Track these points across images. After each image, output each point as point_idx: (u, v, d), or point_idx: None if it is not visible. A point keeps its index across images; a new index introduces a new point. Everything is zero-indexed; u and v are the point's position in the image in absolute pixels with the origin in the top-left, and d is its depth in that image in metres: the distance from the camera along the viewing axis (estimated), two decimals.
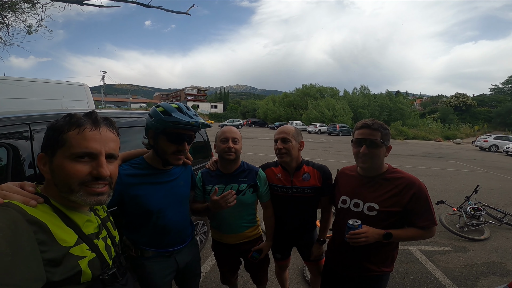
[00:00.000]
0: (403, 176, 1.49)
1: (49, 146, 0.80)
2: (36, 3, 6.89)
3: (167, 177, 1.49)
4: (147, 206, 1.41)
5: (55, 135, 0.79)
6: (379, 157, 1.48)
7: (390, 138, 1.51)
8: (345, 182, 1.69)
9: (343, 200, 1.63)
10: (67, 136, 0.79)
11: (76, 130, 0.79)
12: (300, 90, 52.40)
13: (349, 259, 1.60)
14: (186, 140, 1.40)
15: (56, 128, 0.80)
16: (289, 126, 1.91)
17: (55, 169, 0.78)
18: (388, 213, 1.46)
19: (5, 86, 4.92)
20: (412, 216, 1.45)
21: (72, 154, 0.78)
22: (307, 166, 1.92)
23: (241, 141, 1.79)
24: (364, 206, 1.52)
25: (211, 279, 2.83)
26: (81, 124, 0.81)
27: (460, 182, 8.28)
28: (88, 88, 6.32)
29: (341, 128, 32.36)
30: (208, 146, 3.29)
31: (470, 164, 12.97)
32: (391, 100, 42.49)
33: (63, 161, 0.78)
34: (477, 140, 23.39)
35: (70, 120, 0.81)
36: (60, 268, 0.71)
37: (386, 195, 1.47)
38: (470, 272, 3.20)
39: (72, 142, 0.78)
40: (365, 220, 1.47)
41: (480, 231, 4.30)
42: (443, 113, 47.66)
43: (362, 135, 1.50)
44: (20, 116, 1.64)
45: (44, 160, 0.81)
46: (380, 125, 1.49)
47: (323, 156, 12.51)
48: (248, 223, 1.86)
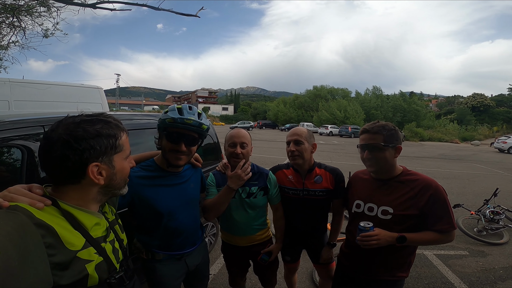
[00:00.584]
0: (419, 178, 1.44)
1: (104, 153, 0.82)
2: (52, 6, 7.11)
3: (178, 180, 1.49)
4: (158, 208, 1.41)
5: (112, 141, 0.83)
6: (385, 160, 1.45)
7: (398, 138, 1.46)
8: (359, 186, 1.66)
9: (357, 204, 1.59)
10: (122, 142, 0.88)
11: (125, 135, 0.90)
12: (311, 92, 52.04)
13: (363, 264, 1.56)
14: (184, 141, 1.38)
15: (107, 134, 0.82)
16: (302, 128, 1.89)
17: (118, 172, 0.87)
18: (403, 216, 1.41)
19: (24, 89, 5.10)
20: (429, 219, 1.39)
21: (127, 155, 0.91)
22: (319, 168, 1.90)
23: (251, 143, 1.77)
24: (378, 210, 1.48)
25: (219, 281, 2.83)
26: (124, 129, 0.91)
27: (478, 185, 8.00)
28: (102, 91, 6.49)
29: (353, 130, 31.87)
30: (218, 148, 3.30)
31: (489, 166, 12.49)
32: (405, 101, 41.52)
33: (122, 162, 0.89)
34: (496, 142, 22.55)
35: (118, 126, 0.88)
36: (67, 271, 0.71)
37: (402, 198, 1.43)
38: (487, 277, 3.09)
39: (126, 146, 0.90)
40: (380, 224, 1.43)
41: (499, 235, 4.18)
42: (460, 114, 46.26)
43: (363, 141, 1.51)
44: (35, 118, 1.69)
45: (100, 169, 0.81)
46: (381, 127, 1.45)
47: (335, 158, 12.37)
48: (259, 226, 1.85)
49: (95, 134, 0.79)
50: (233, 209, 1.76)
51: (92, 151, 0.78)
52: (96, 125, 0.81)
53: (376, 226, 1.41)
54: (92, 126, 0.80)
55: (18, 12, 6.83)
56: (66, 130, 0.77)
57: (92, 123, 0.81)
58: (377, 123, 1.50)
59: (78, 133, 0.77)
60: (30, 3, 7.00)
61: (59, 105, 5.49)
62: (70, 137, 0.76)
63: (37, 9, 7.27)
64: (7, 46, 8.09)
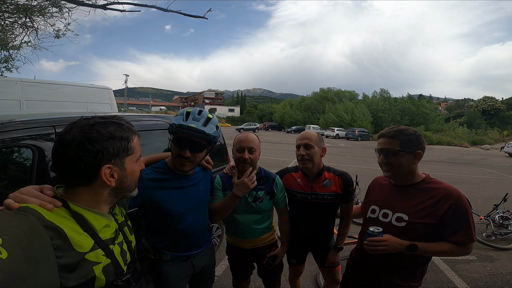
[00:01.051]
0: (441, 186, 1.38)
1: (116, 156, 0.82)
2: (63, 7, 7.24)
3: (188, 182, 1.50)
4: (168, 211, 1.43)
5: (124, 144, 0.84)
6: (401, 166, 1.40)
7: (418, 143, 1.40)
8: (377, 191, 1.63)
9: (373, 210, 1.55)
10: (134, 144, 0.89)
11: (136, 137, 0.91)
12: (318, 94, 51.85)
13: (374, 271, 1.51)
14: (188, 146, 1.37)
15: (120, 137, 0.83)
16: (312, 132, 1.88)
17: (129, 175, 0.88)
18: (418, 224, 1.35)
19: (35, 89, 5.20)
20: (447, 230, 1.33)
21: (137, 158, 0.92)
22: (328, 172, 1.89)
23: (259, 148, 1.75)
24: (393, 216, 1.44)
25: (223, 283, 2.83)
26: (136, 132, 0.92)
27: (488, 190, 7.84)
28: (111, 91, 6.58)
29: (360, 133, 31.60)
30: (225, 149, 3.31)
31: (499, 171, 12.23)
32: (414, 104, 41.03)
33: (133, 165, 0.90)
34: (506, 146, 22.10)
35: (130, 129, 0.89)
36: (74, 273, 0.71)
37: (419, 206, 1.37)
38: (495, 282, 3.04)
39: (137, 148, 0.91)
40: (392, 231, 1.39)
41: (507, 240, 4.14)
42: (470, 118, 45.53)
43: (379, 145, 1.48)
44: (46, 119, 1.72)
45: (112, 171, 0.82)
46: (399, 131, 1.41)
47: (341, 161, 12.26)
48: (264, 229, 1.84)
49: (108, 136, 0.80)
50: (238, 213, 1.76)
51: (105, 153, 0.79)
52: (109, 127, 0.82)
53: (390, 233, 1.37)
54: (105, 128, 0.81)
55: (30, 13, 6.96)
56: (81, 132, 0.77)
57: (105, 125, 0.82)
58: (395, 127, 1.46)
59: (92, 135, 0.77)
60: (42, 4, 7.14)
61: (70, 105, 5.58)
62: (85, 138, 0.76)
63: (49, 9, 7.41)
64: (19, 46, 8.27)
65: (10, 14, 7.25)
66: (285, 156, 12.79)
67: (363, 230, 1.63)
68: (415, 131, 1.43)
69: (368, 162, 12.81)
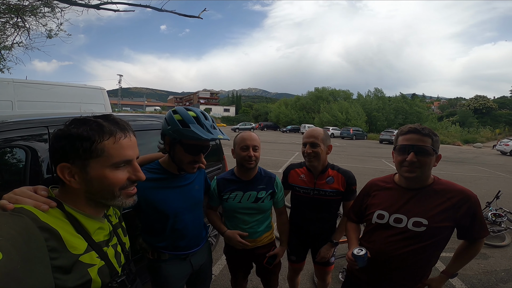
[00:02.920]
0: (455, 188, 1.34)
1: (76, 156, 0.76)
2: (55, 7, 7.14)
3: (183, 181, 1.50)
4: (164, 210, 1.43)
5: (85, 144, 0.76)
6: (429, 167, 1.33)
7: (439, 145, 1.36)
8: (381, 196, 1.52)
9: (379, 215, 1.46)
10: (103, 146, 0.78)
11: (112, 139, 0.79)
12: (313, 93, 52.05)
13: (380, 277, 1.45)
14: (203, 152, 1.40)
15: (82, 137, 0.76)
16: (318, 130, 1.90)
17: (94, 179, 0.78)
18: (437, 228, 1.30)
19: (27, 90, 5.12)
20: (464, 230, 1.34)
21: (113, 164, 0.80)
22: (332, 169, 1.92)
23: (260, 147, 1.77)
24: (408, 221, 1.35)
25: (221, 282, 2.83)
26: (113, 132, 0.80)
27: (480, 188, 7.96)
28: (105, 91, 6.52)
29: (355, 132, 31.83)
30: (220, 149, 3.31)
31: (491, 169, 12.42)
32: (407, 103, 41.44)
33: (103, 170, 0.79)
34: (498, 144, 22.47)
35: (101, 129, 0.78)
36: (71, 275, 0.71)
37: (437, 209, 1.31)
38: (489, 279, 3.09)
39: (111, 152, 0.79)
40: (410, 236, 1.34)
41: (501, 237, 4.18)
42: (462, 116, 46.13)
43: (409, 141, 1.33)
44: (39, 119, 1.70)
45: (70, 170, 0.77)
46: (430, 130, 1.33)
47: (337, 161, 12.30)
48: (264, 229, 1.85)
49: (66, 134, 0.77)
50: (239, 213, 1.77)
51: (61, 151, 0.77)
52: (76, 125, 0.78)
53: (406, 238, 1.34)
54: (69, 127, 0.78)
55: (22, 13, 6.86)
56: (56, 129, 0.81)
57: (76, 123, 0.79)
58: (420, 125, 1.36)
59: (58, 132, 0.79)
60: (34, 4, 7.03)
61: (62, 106, 5.51)
62: (53, 135, 0.79)
63: (41, 9, 7.30)
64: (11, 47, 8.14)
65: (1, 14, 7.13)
66: (281, 156, 12.82)
67: (369, 235, 1.53)
68: (436, 133, 1.37)
69: (363, 161, 12.92)
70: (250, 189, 1.75)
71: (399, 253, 1.36)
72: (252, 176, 1.78)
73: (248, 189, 1.75)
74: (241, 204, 1.74)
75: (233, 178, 1.79)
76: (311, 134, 1.86)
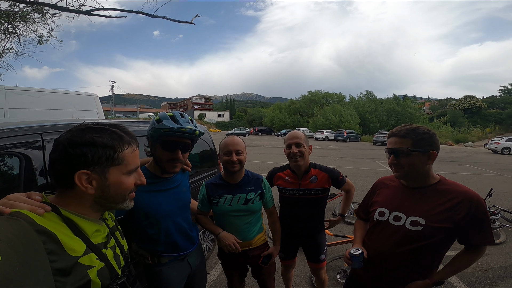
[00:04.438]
0: (459, 189, 1.30)
1: (98, 163, 0.79)
2: (46, 13, 7.09)
3: (170, 184, 1.52)
4: (156, 214, 1.44)
5: (109, 152, 0.80)
6: (413, 166, 1.33)
7: (432, 143, 1.32)
8: (384, 193, 1.54)
9: (381, 212, 1.47)
10: (124, 155, 0.85)
11: (130, 149, 0.87)
12: (306, 97, 52.51)
13: (381, 275, 1.44)
14: (180, 148, 1.41)
15: (106, 145, 0.80)
16: (299, 132, 2.01)
17: (112, 185, 0.83)
18: (435, 229, 1.28)
19: (18, 97, 5.05)
20: (466, 233, 1.28)
21: (129, 171, 0.87)
22: (314, 169, 2.01)
23: (245, 150, 1.79)
24: (406, 220, 1.35)
25: (219, 286, 2.81)
26: (131, 142, 0.88)
27: (473, 186, 8.05)
28: (97, 98, 6.46)
29: (349, 134, 32.12)
30: (214, 154, 3.30)
31: (483, 167, 12.66)
32: (399, 105, 42.08)
33: (121, 177, 0.85)
34: (489, 143, 22.91)
35: (122, 139, 0.85)
36: (70, 277, 0.71)
37: (436, 210, 1.29)
38: (486, 277, 3.13)
39: (129, 160, 0.86)
40: (406, 235, 1.33)
41: (496, 234, 4.22)
42: (453, 116, 46.97)
43: (389, 144, 1.40)
44: (32, 126, 1.68)
45: (88, 177, 0.79)
46: (411, 130, 1.33)
47: (331, 163, 12.32)
48: (256, 230, 1.87)
49: (89, 142, 0.78)
50: (230, 216, 1.78)
51: (82, 158, 0.77)
52: (97, 133, 0.81)
53: (403, 237, 1.34)
54: (91, 134, 0.80)
55: (13, 19, 6.79)
56: (69, 135, 0.79)
57: (95, 131, 0.81)
58: (407, 125, 1.38)
59: (75, 138, 0.78)
60: (25, 10, 6.98)
61: (55, 113, 5.45)
62: (67, 141, 0.78)
63: (31, 15, 7.25)
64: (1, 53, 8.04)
65: None
66: (275, 160, 12.84)
67: (370, 233, 1.55)
68: (428, 130, 1.35)
69: (357, 162, 13.02)
70: (239, 192, 1.77)
71: (396, 252, 1.37)
72: (240, 179, 1.80)
73: (237, 191, 1.77)
74: (231, 207, 1.75)
75: (221, 182, 1.81)
76: (294, 135, 1.96)
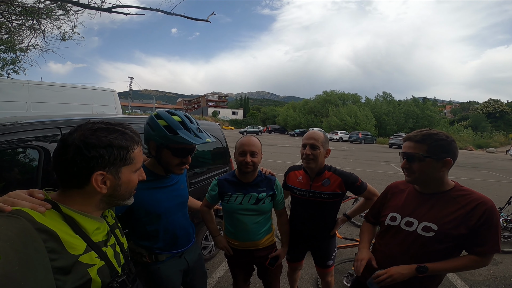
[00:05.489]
0: (473, 195, 1.28)
1: (113, 164, 0.82)
2: (69, 10, 7.34)
3: (169, 181, 1.54)
4: (155, 211, 1.46)
5: (123, 153, 0.83)
6: (423, 172, 1.31)
7: (449, 150, 1.29)
8: (397, 198, 1.52)
9: (392, 217, 1.46)
10: (134, 154, 0.88)
11: (139, 148, 0.90)
12: (321, 97, 51.77)
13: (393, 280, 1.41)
14: (190, 154, 1.45)
15: (120, 146, 0.83)
16: (319, 133, 1.90)
17: (123, 183, 0.87)
18: (447, 235, 1.26)
19: (41, 91, 5.27)
20: (475, 240, 1.25)
21: (137, 169, 0.91)
22: (329, 171, 1.92)
23: (261, 152, 1.78)
24: (419, 225, 1.34)
25: (224, 284, 2.84)
26: (139, 142, 0.91)
27: (492, 193, 7.76)
28: (116, 93, 6.64)
29: (364, 136, 31.44)
30: (227, 152, 3.33)
31: (504, 174, 12.10)
32: (418, 107, 40.71)
33: (130, 175, 0.89)
34: (511, 149, 21.86)
35: (133, 139, 0.88)
36: (70, 276, 0.72)
37: (450, 216, 1.27)
38: (497, 285, 3.03)
39: (138, 159, 0.90)
40: (417, 241, 1.33)
41: (511, 243, 4.07)
42: (475, 120, 45.19)
43: (403, 148, 1.38)
44: (52, 121, 1.76)
45: (105, 178, 0.81)
46: (427, 136, 1.30)
47: (344, 165, 12.23)
48: (266, 231, 1.87)
49: (107, 143, 0.80)
50: (240, 214, 1.79)
51: (100, 160, 0.78)
52: (111, 134, 0.82)
53: (414, 243, 1.33)
54: (106, 135, 0.81)
55: (38, 15, 7.07)
56: (81, 136, 0.78)
57: (108, 132, 0.82)
58: (424, 130, 1.35)
59: (90, 140, 0.78)
60: (49, 6, 7.25)
61: (75, 107, 5.64)
62: (82, 143, 0.77)
63: (56, 12, 7.52)
64: (26, 49, 8.39)
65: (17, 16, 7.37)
66: (288, 159, 12.78)
67: (381, 238, 1.53)
68: (447, 136, 1.31)
69: (372, 165, 12.76)
70: (250, 191, 1.77)
71: (407, 257, 1.35)
72: (253, 178, 1.80)
73: (249, 191, 1.77)
74: (241, 206, 1.76)
75: (234, 180, 1.82)
76: (312, 136, 1.86)
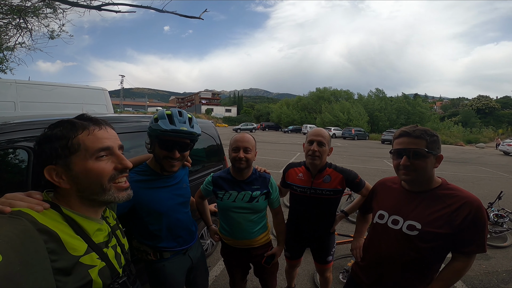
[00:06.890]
0: (459, 194, 1.26)
1: (57, 156, 0.78)
2: (57, 8, 7.17)
3: (172, 180, 1.54)
4: (158, 209, 1.46)
5: (62, 143, 0.78)
6: (424, 170, 1.28)
7: (439, 146, 1.29)
8: (385, 195, 1.52)
9: (380, 215, 1.45)
10: (78, 140, 0.79)
11: (86, 132, 0.81)
12: (314, 94, 52.06)
13: (380, 279, 1.43)
14: (177, 148, 1.42)
15: (58, 137, 0.79)
16: (325, 131, 1.92)
17: (79, 175, 0.79)
18: (432, 234, 1.25)
19: (29, 90, 5.14)
20: (461, 239, 1.23)
21: (91, 154, 0.80)
22: (329, 168, 1.93)
23: (255, 148, 1.78)
24: (404, 224, 1.33)
25: (221, 282, 2.83)
26: (87, 126, 0.82)
27: (483, 188, 7.93)
28: (107, 92, 6.54)
29: (357, 132, 31.78)
30: (221, 149, 3.32)
31: (494, 169, 12.37)
32: (409, 103, 41.30)
33: (86, 163, 0.79)
34: (501, 144, 22.37)
35: (74, 125, 0.81)
36: (71, 277, 0.71)
37: (434, 215, 1.26)
38: (490, 280, 3.08)
39: (87, 144, 0.79)
40: (403, 239, 1.32)
41: (502, 238, 4.17)
42: (465, 116, 46.03)
43: (401, 145, 1.32)
44: (42, 120, 1.71)
45: (56, 172, 0.78)
46: (423, 131, 1.28)
47: (338, 161, 12.29)
48: (260, 229, 1.86)
49: (46, 138, 0.79)
50: (235, 214, 1.78)
51: (43, 154, 0.78)
52: (53, 128, 0.81)
53: (400, 241, 1.33)
54: (50, 130, 0.81)
55: (24, 14, 6.90)
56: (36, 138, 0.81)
57: (54, 126, 0.81)
58: (417, 126, 1.32)
59: (39, 137, 0.80)
60: (36, 5, 7.07)
61: (65, 107, 5.53)
62: (35, 143, 0.80)
63: (43, 10, 7.34)
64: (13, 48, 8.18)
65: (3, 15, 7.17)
66: (282, 156, 12.81)
67: (371, 236, 1.54)
68: (435, 133, 1.31)
69: (365, 161, 12.89)
70: (244, 189, 1.76)
71: (394, 255, 1.36)
72: (247, 176, 1.79)
73: (243, 188, 1.77)
74: (235, 204, 1.75)
75: (228, 177, 1.81)
76: (320, 133, 1.87)
